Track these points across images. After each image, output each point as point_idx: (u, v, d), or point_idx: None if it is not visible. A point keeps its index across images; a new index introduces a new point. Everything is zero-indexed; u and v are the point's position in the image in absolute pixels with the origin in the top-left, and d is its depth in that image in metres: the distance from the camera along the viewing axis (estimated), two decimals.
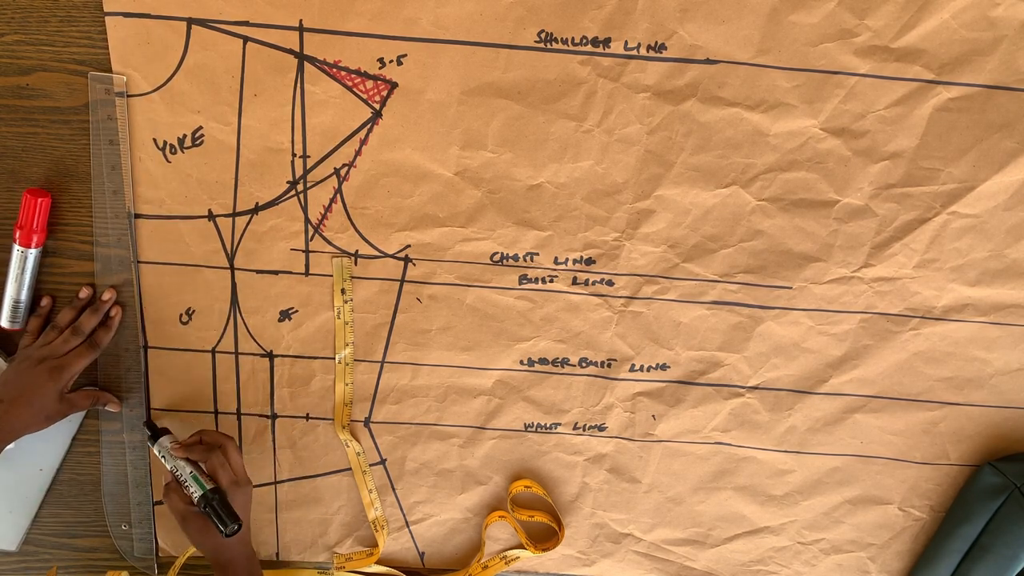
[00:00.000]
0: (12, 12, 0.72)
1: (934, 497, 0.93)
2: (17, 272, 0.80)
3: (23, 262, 0.79)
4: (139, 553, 0.95)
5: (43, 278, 0.82)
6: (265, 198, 0.79)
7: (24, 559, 0.96)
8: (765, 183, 0.78)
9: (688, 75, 0.74)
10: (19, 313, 0.82)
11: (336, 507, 0.95)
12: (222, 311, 0.84)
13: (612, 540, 0.97)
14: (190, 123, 0.76)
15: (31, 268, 0.80)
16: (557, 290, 0.84)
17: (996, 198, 0.78)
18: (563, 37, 0.72)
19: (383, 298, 0.84)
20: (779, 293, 0.83)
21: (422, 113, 0.75)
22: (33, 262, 0.80)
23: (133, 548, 0.95)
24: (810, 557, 0.97)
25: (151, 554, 0.96)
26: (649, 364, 0.87)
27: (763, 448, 0.91)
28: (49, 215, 0.79)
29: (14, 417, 0.76)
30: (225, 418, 0.90)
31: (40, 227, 0.78)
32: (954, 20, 0.71)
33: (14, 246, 0.78)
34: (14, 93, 0.75)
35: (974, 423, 0.89)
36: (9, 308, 0.81)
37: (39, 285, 0.82)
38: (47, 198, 0.78)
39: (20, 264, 0.79)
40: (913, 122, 0.75)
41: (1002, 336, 0.85)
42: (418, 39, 0.72)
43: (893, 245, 0.81)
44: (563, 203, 0.79)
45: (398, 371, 0.88)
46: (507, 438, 0.91)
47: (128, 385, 0.87)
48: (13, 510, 0.92)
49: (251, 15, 0.71)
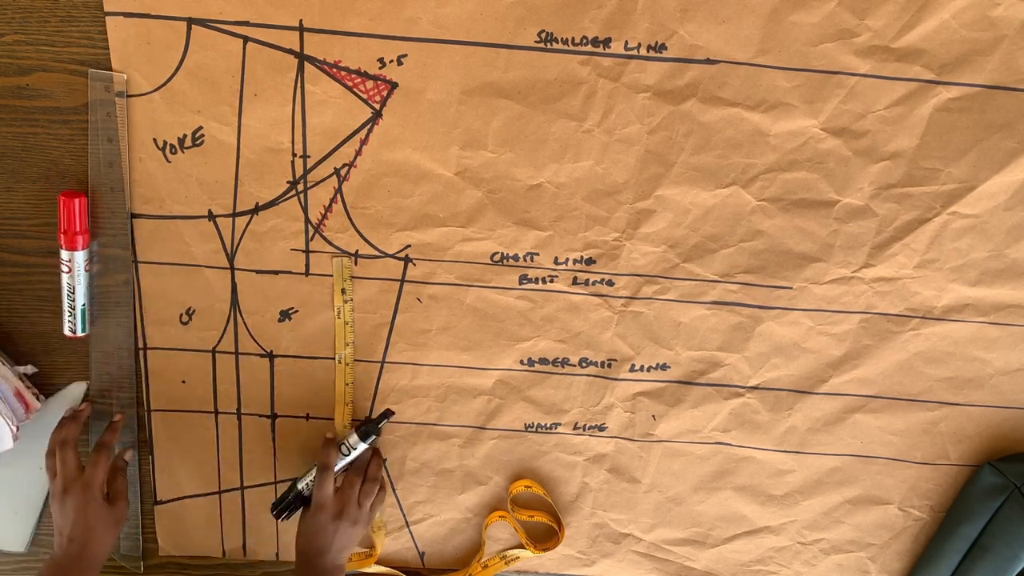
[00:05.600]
0: (12, 12, 0.72)
1: (934, 497, 0.93)
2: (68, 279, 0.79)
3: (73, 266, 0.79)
4: (124, 551, 0.96)
5: (44, 278, 0.82)
6: (265, 198, 0.79)
7: (25, 559, 0.96)
8: (765, 183, 0.78)
9: (688, 75, 0.74)
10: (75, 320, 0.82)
11: None
12: (222, 311, 0.84)
13: (612, 540, 0.97)
14: (190, 123, 0.76)
15: (81, 271, 0.79)
16: (557, 290, 0.84)
17: (996, 198, 0.78)
18: (563, 37, 0.72)
19: (383, 298, 0.84)
20: (779, 293, 0.83)
21: (422, 113, 0.75)
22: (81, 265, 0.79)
23: (120, 546, 0.95)
24: (810, 557, 0.97)
25: (137, 551, 0.96)
26: (649, 364, 0.87)
27: (763, 448, 0.91)
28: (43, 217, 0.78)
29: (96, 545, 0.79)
30: (225, 418, 0.90)
31: (83, 228, 0.78)
32: (954, 20, 0.71)
33: (61, 251, 0.78)
34: (14, 93, 0.75)
35: (974, 423, 0.89)
36: (68, 315, 0.81)
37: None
38: (82, 197, 0.77)
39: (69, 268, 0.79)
40: (913, 122, 0.75)
41: (1002, 336, 0.85)
42: (418, 39, 0.72)
43: (893, 245, 0.81)
44: (563, 203, 0.79)
45: (398, 371, 0.88)
46: (507, 438, 0.91)
47: (121, 384, 0.87)
48: (19, 511, 0.93)
49: (251, 15, 0.71)
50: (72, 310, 0.81)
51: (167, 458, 0.92)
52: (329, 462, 0.83)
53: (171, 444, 0.91)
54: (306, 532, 0.84)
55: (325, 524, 0.82)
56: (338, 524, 0.82)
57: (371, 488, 0.86)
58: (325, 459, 0.84)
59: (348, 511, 0.83)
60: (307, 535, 0.83)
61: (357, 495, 0.84)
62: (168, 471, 0.92)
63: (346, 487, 0.84)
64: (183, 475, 0.93)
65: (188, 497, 0.94)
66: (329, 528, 0.82)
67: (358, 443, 0.85)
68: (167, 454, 0.91)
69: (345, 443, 0.85)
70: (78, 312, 0.81)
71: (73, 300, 0.80)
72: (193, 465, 0.92)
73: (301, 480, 0.86)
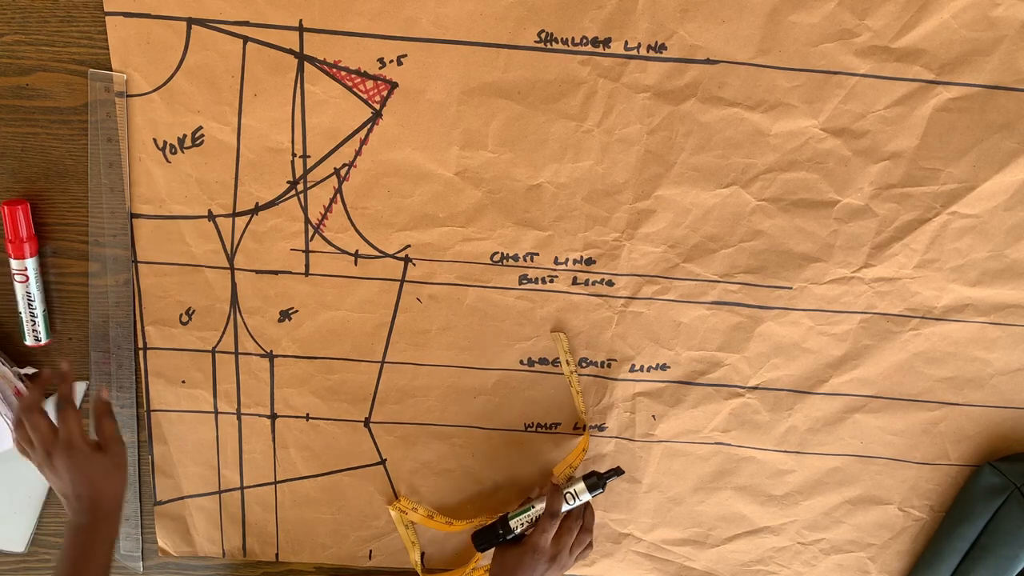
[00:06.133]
0: (12, 12, 0.72)
1: (934, 497, 0.93)
2: (22, 287, 0.79)
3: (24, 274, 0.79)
4: (124, 551, 0.96)
5: (45, 280, 0.82)
6: (265, 198, 0.79)
7: (24, 559, 0.96)
8: (765, 183, 0.78)
9: (688, 75, 0.74)
10: (38, 328, 0.81)
11: (336, 507, 0.95)
12: (222, 311, 0.84)
13: (612, 540, 0.97)
14: (190, 123, 0.76)
15: (34, 279, 0.79)
16: (557, 290, 0.84)
17: (996, 198, 0.78)
18: (563, 37, 0.72)
19: (383, 298, 0.84)
20: (779, 293, 0.83)
21: (422, 113, 0.75)
22: (34, 272, 0.79)
23: (119, 546, 0.95)
24: (810, 557, 0.97)
25: (137, 551, 0.96)
26: (649, 364, 0.87)
27: (763, 448, 0.91)
28: (43, 218, 0.78)
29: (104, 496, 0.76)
30: (225, 418, 0.90)
31: (29, 235, 0.78)
32: (954, 20, 0.71)
33: (11, 261, 0.78)
34: (14, 93, 0.75)
35: (974, 423, 0.89)
36: (28, 325, 0.81)
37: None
38: (25, 204, 0.77)
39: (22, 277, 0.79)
40: (913, 122, 0.75)
41: (1002, 336, 0.85)
42: (418, 39, 0.72)
43: (893, 245, 0.81)
44: (563, 203, 0.79)
45: (398, 371, 0.88)
46: (507, 438, 0.91)
47: (120, 383, 0.87)
48: (18, 511, 0.93)
49: (251, 15, 0.71)
50: (33, 319, 0.80)
51: (167, 458, 0.92)
52: (557, 510, 0.84)
53: (171, 444, 0.91)
54: (510, 569, 0.84)
55: (536, 566, 0.83)
56: (547, 568, 0.84)
57: (584, 539, 0.87)
58: (554, 506, 0.84)
59: (561, 558, 0.84)
60: (510, 571, 0.84)
61: (571, 544, 0.85)
62: (168, 471, 0.92)
63: (564, 534, 0.85)
64: (183, 475, 0.93)
65: (188, 497, 0.94)
66: (539, 570, 0.83)
67: (584, 493, 0.85)
68: (167, 454, 0.91)
69: (571, 491, 0.85)
70: (40, 320, 0.81)
71: (33, 309, 0.80)
72: (193, 465, 0.92)
73: (514, 517, 0.86)
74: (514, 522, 0.86)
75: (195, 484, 0.93)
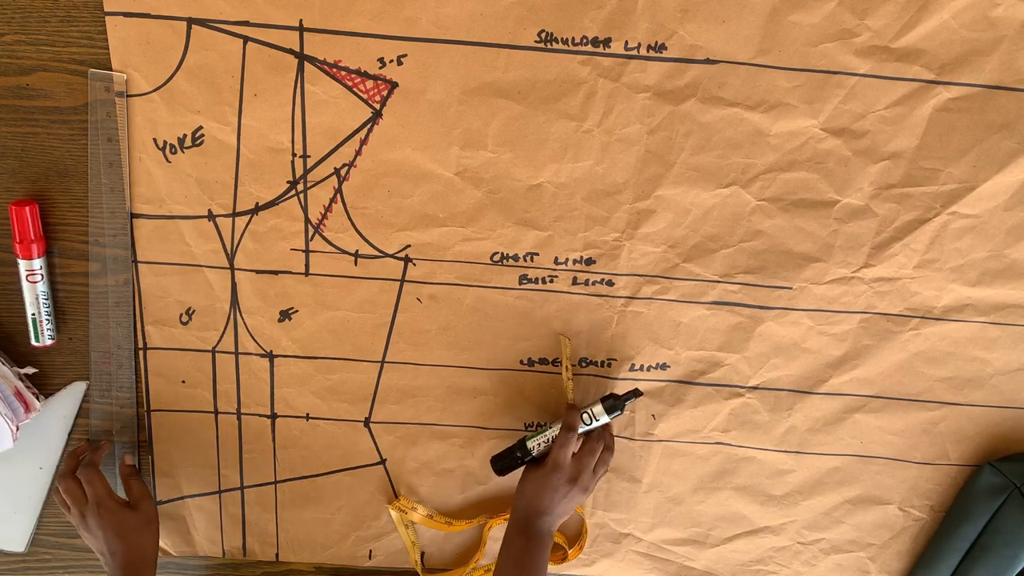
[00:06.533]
0: (12, 12, 0.72)
1: (934, 497, 0.93)
2: (33, 288, 0.79)
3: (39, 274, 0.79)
4: None
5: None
6: (265, 198, 0.79)
7: (24, 559, 0.96)
8: (765, 183, 0.78)
9: (688, 75, 0.74)
10: (50, 328, 0.82)
11: (336, 507, 0.95)
12: (222, 311, 0.84)
13: (612, 540, 0.97)
14: (190, 123, 0.76)
15: (42, 279, 0.79)
16: (557, 290, 0.84)
17: (996, 198, 0.78)
18: (563, 37, 0.72)
19: (383, 298, 0.84)
20: (779, 293, 0.83)
21: (422, 113, 0.75)
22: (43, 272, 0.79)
23: None
24: (810, 557, 0.97)
25: None
26: (649, 364, 0.87)
27: (763, 448, 0.91)
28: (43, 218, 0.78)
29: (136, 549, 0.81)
30: (225, 418, 0.90)
31: (37, 235, 0.78)
32: (954, 20, 0.71)
33: (20, 262, 0.78)
34: (14, 93, 0.75)
35: (974, 423, 0.89)
36: (41, 325, 0.81)
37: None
38: (33, 205, 0.77)
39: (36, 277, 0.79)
40: (913, 122, 0.75)
41: (1002, 336, 0.85)
42: (418, 39, 0.72)
43: (893, 245, 0.81)
44: (563, 203, 0.79)
45: (398, 371, 0.88)
46: (507, 438, 0.91)
47: (120, 383, 0.87)
48: (18, 511, 0.93)
49: (251, 15, 0.71)
50: (47, 319, 0.81)
51: (167, 458, 0.92)
52: (575, 424, 0.82)
53: (171, 444, 0.91)
54: (532, 491, 0.82)
55: (558, 485, 0.81)
56: (570, 488, 0.81)
57: (607, 457, 0.84)
58: (571, 421, 0.82)
59: (583, 477, 0.82)
60: (532, 494, 0.82)
61: (595, 463, 0.83)
62: (168, 471, 0.92)
63: (586, 453, 0.83)
64: (183, 475, 0.93)
65: (188, 497, 0.94)
66: (561, 490, 0.81)
67: (602, 415, 0.83)
68: (167, 454, 0.91)
69: (589, 411, 0.83)
70: (51, 319, 0.81)
71: (46, 309, 0.80)
72: (193, 465, 0.92)
73: (532, 439, 0.85)
74: (531, 443, 0.85)
75: (195, 484, 0.93)
